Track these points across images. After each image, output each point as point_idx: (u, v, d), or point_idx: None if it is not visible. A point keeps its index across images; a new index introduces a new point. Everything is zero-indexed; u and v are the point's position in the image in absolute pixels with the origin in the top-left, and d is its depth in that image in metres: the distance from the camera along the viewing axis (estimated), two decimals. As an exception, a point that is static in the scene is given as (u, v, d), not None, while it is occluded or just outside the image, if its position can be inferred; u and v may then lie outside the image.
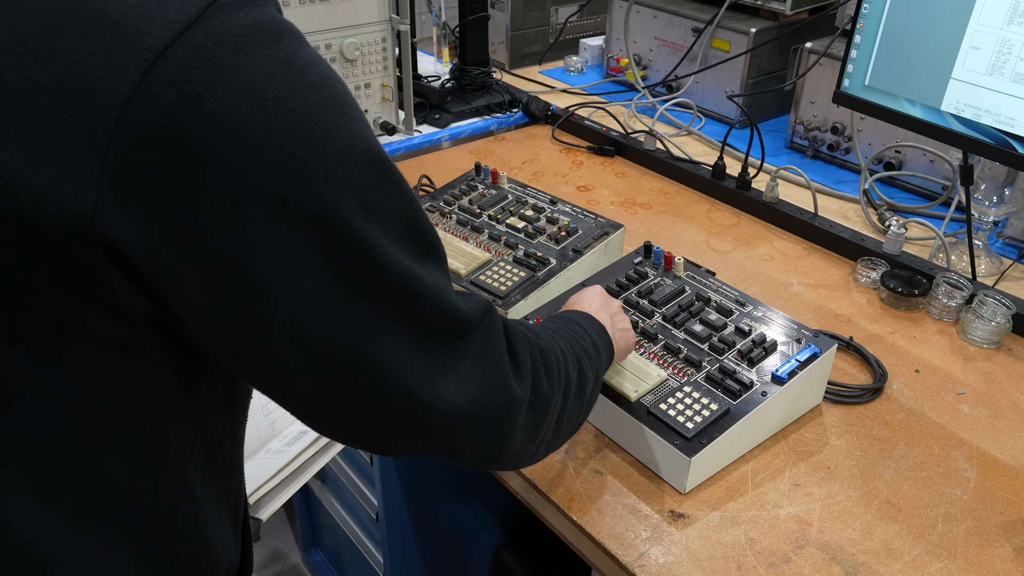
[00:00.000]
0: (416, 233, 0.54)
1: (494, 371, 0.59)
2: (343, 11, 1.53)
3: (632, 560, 0.81)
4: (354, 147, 0.49)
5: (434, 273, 0.55)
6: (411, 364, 0.54)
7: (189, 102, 0.43)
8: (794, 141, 1.70)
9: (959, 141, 1.15)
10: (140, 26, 0.43)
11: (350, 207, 0.48)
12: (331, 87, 0.49)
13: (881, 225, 1.40)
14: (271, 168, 0.45)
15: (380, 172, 0.51)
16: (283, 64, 0.46)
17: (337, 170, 0.48)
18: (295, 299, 0.48)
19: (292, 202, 0.46)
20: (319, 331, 0.50)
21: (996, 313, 1.13)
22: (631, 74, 1.92)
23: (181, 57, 0.43)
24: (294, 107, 0.46)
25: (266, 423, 1.03)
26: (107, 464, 0.53)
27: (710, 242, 1.39)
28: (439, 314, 0.55)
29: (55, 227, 0.43)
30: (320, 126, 0.47)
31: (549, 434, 0.69)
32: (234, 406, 0.63)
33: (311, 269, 0.48)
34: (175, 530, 0.58)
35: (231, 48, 0.44)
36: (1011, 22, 1.06)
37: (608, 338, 0.84)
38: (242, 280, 0.47)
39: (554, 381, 0.67)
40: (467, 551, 1.57)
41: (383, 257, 0.50)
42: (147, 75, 0.42)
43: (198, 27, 0.43)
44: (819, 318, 1.19)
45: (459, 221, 1.26)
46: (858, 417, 1.01)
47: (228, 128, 0.44)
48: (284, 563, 1.98)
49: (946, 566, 0.81)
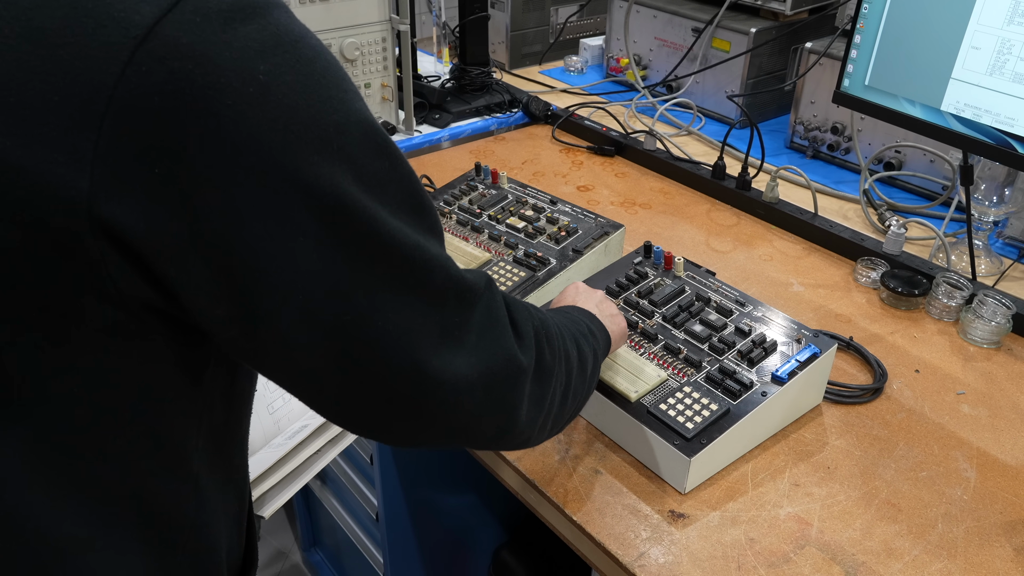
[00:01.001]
0: (416, 206, 0.53)
1: (499, 341, 0.59)
2: (343, 11, 1.53)
3: (632, 560, 0.81)
4: (349, 119, 0.49)
5: (437, 245, 0.55)
6: (420, 337, 0.53)
7: (180, 79, 0.42)
8: (794, 141, 1.70)
9: (959, 141, 1.15)
10: (127, 4, 0.43)
11: (347, 179, 0.48)
12: (323, 60, 0.48)
13: (881, 225, 1.40)
14: (266, 142, 0.45)
15: (376, 144, 0.50)
16: (273, 37, 0.46)
17: (332, 142, 0.47)
18: (299, 274, 0.48)
19: (289, 175, 0.46)
20: (325, 306, 0.49)
21: (996, 313, 1.13)
22: (631, 74, 1.92)
23: (170, 34, 0.42)
24: (287, 80, 0.46)
25: (271, 421, 1.03)
26: (111, 454, 0.53)
27: (710, 242, 1.39)
28: (447, 284, 0.54)
29: (51, 212, 0.43)
30: (314, 99, 0.47)
31: (555, 407, 0.68)
32: (238, 396, 0.63)
33: (314, 243, 0.48)
34: (179, 521, 0.58)
35: (220, 23, 0.44)
36: (1011, 22, 1.06)
37: (600, 324, 0.84)
38: (244, 257, 0.47)
39: (556, 352, 0.67)
40: (467, 551, 1.57)
41: (386, 228, 0.50)
42: (136, 53, 0.42)
43: (185, 3, 0.43)
44: (819, 318, 1.19)
45: (459, 221, 1.26)
46: (858, 417, 1.01)
47: (221, 103, 0.43)
48: (284, 563, 1.98)
49: (946, 566, 0.82)
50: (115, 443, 0.53)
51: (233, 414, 0.63)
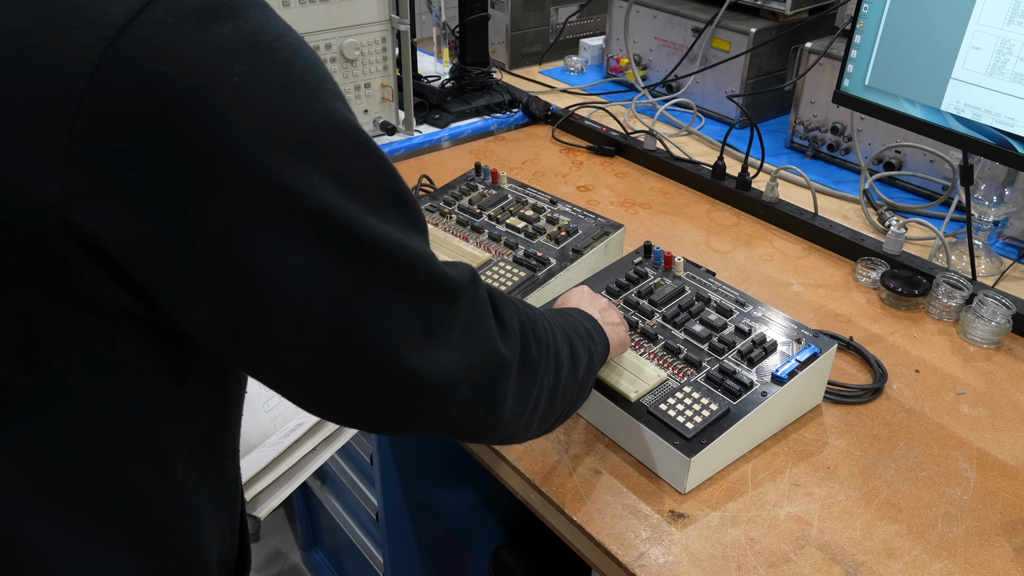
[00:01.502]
0: (399, 204, 0.53)
1: (483, 336, 0.59)
2: (343, 11, 1.53)
3: (632, 560, 0.81)
4: (328, 120, 0.48)
5: (421, 242, 0.54)
6: (404, 334, 0.53)
7: (153, 81, 0.42)
8: (794, 141, 1.70)
9: (959, 141, 1.15)
10: (97, 4, 0.42)
11: (327, 180, 0.47)
12: (301, 59, 0.48)
13: (881, 225, 1.40)
14: (244, 144, 0.44)
15: (357, 144, 0.50)
16: (249, 38, 0.45)
17: (311, 143, 0.47)
18: (280, 276, 0.47)
19: (268, 178, 0.45)
20: (307, 307, 0.49)
21: (996, 313, 1.13)
22: (631, 74, 1.92)
23: (141, 35, 0.42)
24: (263, 81, 0.45)
25: (267, 419, 1.03)
26: (93, 461, 0.52)
27: (710, 242, 1.39)
28: (430, 281, 0.54)
29: (23, 219, 0.42)
30: (291, 99, 0.46)
31: (542, 404, 0.68)
32: (227, 401, 0.62)
33: (293, 245, 0.47)
34: (165, 527, 0.58)
35: (193, 24, 0.43)
36: (1011, 22, 1.06)
37: (600, 329, 0.84)
38: (224, 260, 0.46)
39: (543, 347, 0.66)
40: (467, 551, 1.57)
41: (368, 228, 0.49)
42: (107, 55, 0.41)
43: (157, 3, 0.42)
44: (819, 318, 1.19)
45: (459, 221, 1.26)
46: (858, 417, 1.01)
47: (196, 105, 0.43)
48: (284, 563, 1.98)
49: (946, 566, 0.81)
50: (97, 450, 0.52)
51: (223, 418, 0.62)
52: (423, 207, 1.29)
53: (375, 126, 1.68)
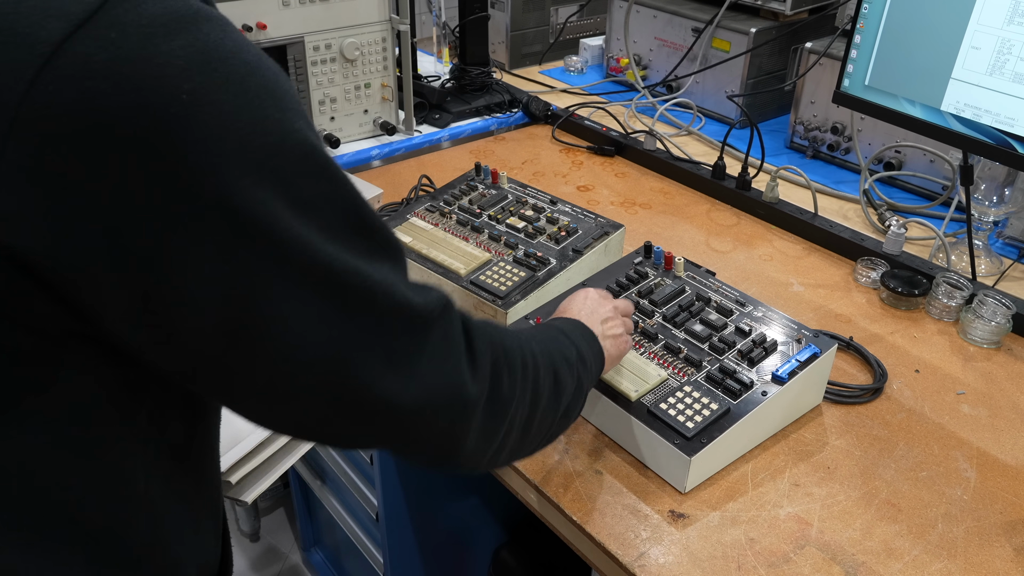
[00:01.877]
0: (359, 228, 0.51)
1: (449, 370, 0.57)
2: (343, 11, 1.53)
3: (632, 560, 0.81)
4: (285, 140, 0.46)
5: (383, 268, 0.52)
6: (361, 362, 0.51)
7: (92, 99, 0.40)
8: (794, 141, 1.70)
9: (959, 141, 1.15)
10: (34, 18, 0.40)
11: (280, 203, 0.45)
12: (259, 77, 0.45)
13: (881, 225, 1.40)
14: (191, 166, 0.42)
15: (315, 166, 0.48)
16: (200, 55, 0.43)
17: (264, 165, 0.45)
18: (228, 300, 0.45)
19: (216, 200, 0.43)
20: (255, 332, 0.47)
21: (996, 313, 1.13)
22: (631, 74, 1.92)
23: (81, 51, 0.40)
24: (213, 100, 0.43)
25: None
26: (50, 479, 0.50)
27: (710, 242, 1.39)
28: (391, 309, 0.52)
29: None
30: (244, 119, 0.44)
31: (512, 439, 0.65)
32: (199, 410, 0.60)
33: (245, 269, 0.45)
34: (131, 540, 0.56)
35: (139, 39, 0.41)
36: (1011, 22, 1.06)
37: (597, 347, 0.82)
38: (167, 285, 0.44)
39: (516, 383, 0.64)
40: (467, 551, 1.57)
41: (322, 254, 0.47)
42: (42, 72, 0.39)
43: (100, 17, 0.40)
44: (819, 318, 1.19)
45: (459, 221, 1.26)
46: (858, 417, 1.01)
47: (138, 125, 0.41)
48: (284, 563, 1.98)
49: (946, 566, 0.81)
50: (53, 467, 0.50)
51: (199, 427, 0.61)
52: (423, 207, 1.29)
53: (375, 126, 1.68)
